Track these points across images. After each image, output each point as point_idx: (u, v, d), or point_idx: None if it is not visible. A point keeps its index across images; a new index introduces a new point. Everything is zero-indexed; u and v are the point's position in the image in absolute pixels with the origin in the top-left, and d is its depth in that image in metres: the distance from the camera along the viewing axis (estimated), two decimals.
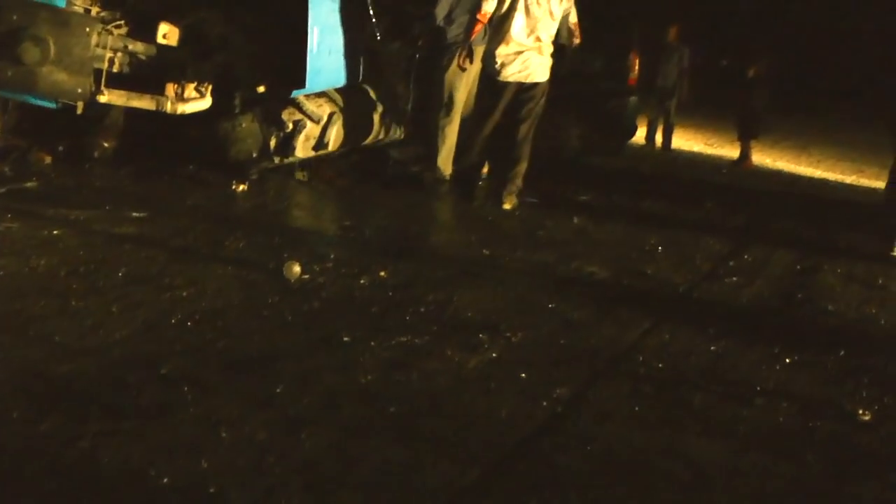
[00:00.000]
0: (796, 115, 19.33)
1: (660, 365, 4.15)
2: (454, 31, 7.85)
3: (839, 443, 3.57)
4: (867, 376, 4.30)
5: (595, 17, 8.14)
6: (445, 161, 7.78)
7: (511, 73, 7.18)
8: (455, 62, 7.51)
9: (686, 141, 14.68)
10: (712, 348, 4.45)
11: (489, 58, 7.28)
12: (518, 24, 7.08)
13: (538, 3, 7.08)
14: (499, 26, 7.13)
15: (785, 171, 13.06)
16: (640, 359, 4.21)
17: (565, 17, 7.25)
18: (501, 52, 7.16)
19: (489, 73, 7.32)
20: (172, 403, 3.18)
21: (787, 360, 4.38)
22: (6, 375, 3.26)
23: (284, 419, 3.16)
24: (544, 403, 3.57)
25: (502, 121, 7.40)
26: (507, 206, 7.24)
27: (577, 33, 7.36)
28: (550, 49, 7.28)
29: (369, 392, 3.47)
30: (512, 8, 7.06)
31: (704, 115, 17.10)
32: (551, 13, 7.15)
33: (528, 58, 7.15)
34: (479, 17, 7.12)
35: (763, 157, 13.96)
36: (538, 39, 7.14)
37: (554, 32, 7.24)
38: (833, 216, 8.27)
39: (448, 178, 7.79)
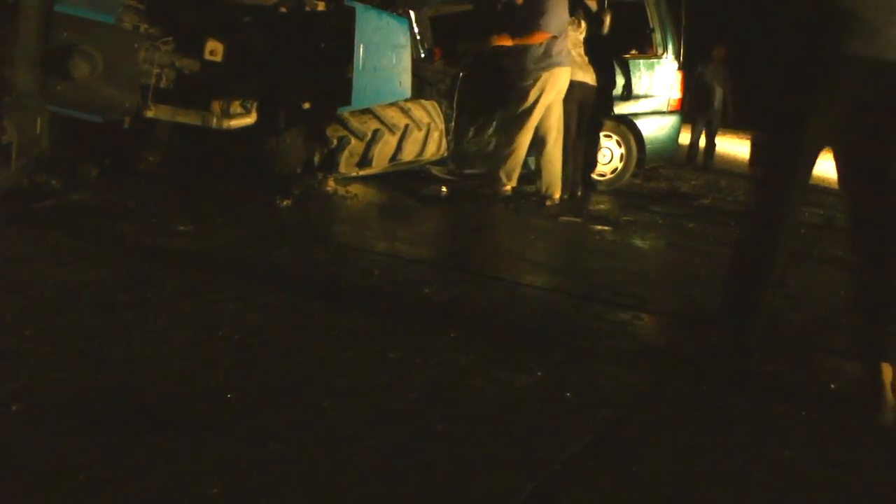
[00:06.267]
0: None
1: (706, 389, 4.10)
2: (536, 54, 8.00)
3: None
4: None
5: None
6: (509, 175, 8.10)
7: None
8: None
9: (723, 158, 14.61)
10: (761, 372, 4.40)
11: None
12: None
13: None
14: None
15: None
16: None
17: None
18: None
19: None
20: (221, 417, 3.19)
21: (833, 387, 4.32)
22: (56, 389, 3.28)
23: (333, 435, 3.15)
24: (590, 423, 3.54)
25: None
26: None
27: None
28: None
29: (416, 410, 3.46)
30: None
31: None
32: None
33: None
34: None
35: None
36: None
37: None
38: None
39: (510, 192, 8.15)
